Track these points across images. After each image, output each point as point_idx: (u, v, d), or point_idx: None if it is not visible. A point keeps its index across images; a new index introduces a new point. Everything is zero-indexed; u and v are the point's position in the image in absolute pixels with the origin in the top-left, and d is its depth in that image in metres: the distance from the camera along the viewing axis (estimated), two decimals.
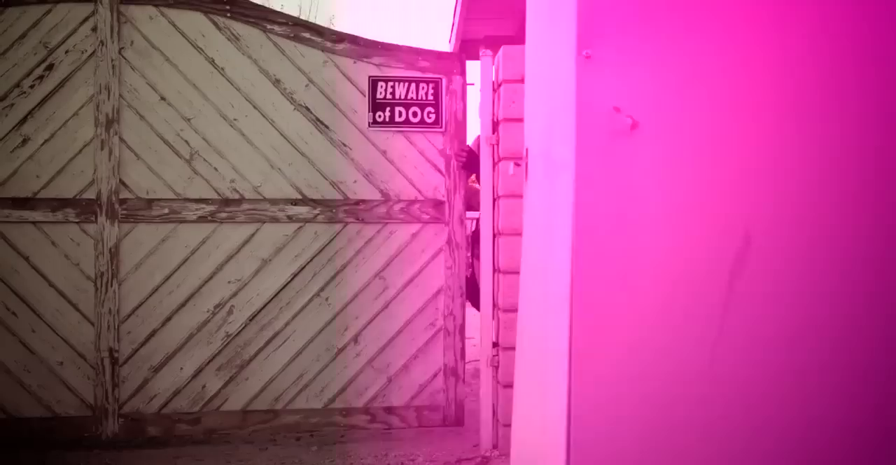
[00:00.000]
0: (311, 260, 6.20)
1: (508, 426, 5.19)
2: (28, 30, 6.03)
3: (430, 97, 6.30)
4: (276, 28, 6.22)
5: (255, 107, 6.17)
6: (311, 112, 6.21)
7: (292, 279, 6.20)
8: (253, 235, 6.16)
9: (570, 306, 2.83)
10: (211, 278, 6.14)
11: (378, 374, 6.27)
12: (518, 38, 9.43)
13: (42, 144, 6.02)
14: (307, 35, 6.26)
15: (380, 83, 6.22)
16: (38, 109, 6.02)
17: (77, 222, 6.03)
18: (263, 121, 6.17)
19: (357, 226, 6.23)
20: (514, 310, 5.04)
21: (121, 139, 6.06)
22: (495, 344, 5.84)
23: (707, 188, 2.80)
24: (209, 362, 6.14)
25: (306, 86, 6.21)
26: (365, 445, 6.12)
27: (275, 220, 6.17)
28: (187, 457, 5.92)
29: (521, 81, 5.35)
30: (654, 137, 2.79)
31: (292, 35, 6.23)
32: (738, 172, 2.81)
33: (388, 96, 6.24)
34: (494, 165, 5.91)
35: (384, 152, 6.25)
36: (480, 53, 5.82)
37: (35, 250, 6.01)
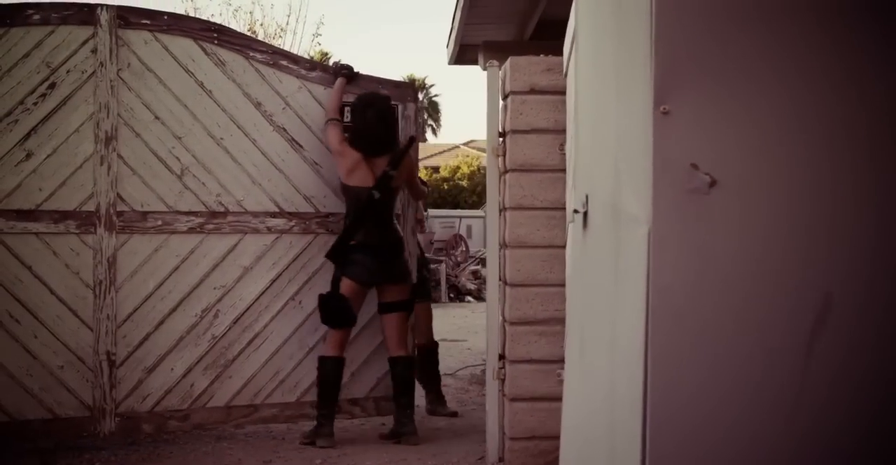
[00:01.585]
0: (286, 267, 6.84)
1: (515, 439, 5.74)
2: (31, 49, 6.31)
3: None
4: (258, 55, 6.81)
5: (238, 127, 6.73)
6: (287, 133, 6.85)
7: (270, 285, 6.82)
8: (236, 244, 6.73)
9: (645, 366, 2.76)
10: (199, 284, 6.66)
11: (343, 369, 6.99)
12: (517, 44, 9.97)
13: (45, 159, 6.33)
14: (284, 62, 6.90)
15: (346, 108, 6.94)
16: (42, 125, 6.32)
17: (77, 233, 6.38)
18: (246, 140, 6.76)
19: (326, 236, 6.92)
20: (522, 323, 5.72)
21: (118, 155, 6.46)
22: (501, 357, 5.92)
23: (787, 246, 2.73)
24: (197, 362, 6.66)
25: (283, 109, 6.85)
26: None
27: (255, 231, 6.77)
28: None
29: (530, 92, 5.71)
30: (733, 195, 2.71)
31: (272, 62, 6.84)
32: (818, 230, 2.73)
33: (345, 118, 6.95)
34: (500, 176, 6.02)
35: None
36: (487, 64, 6.13)
37: (37, 260, 6.31)
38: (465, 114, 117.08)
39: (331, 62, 9.90)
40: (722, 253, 2.74)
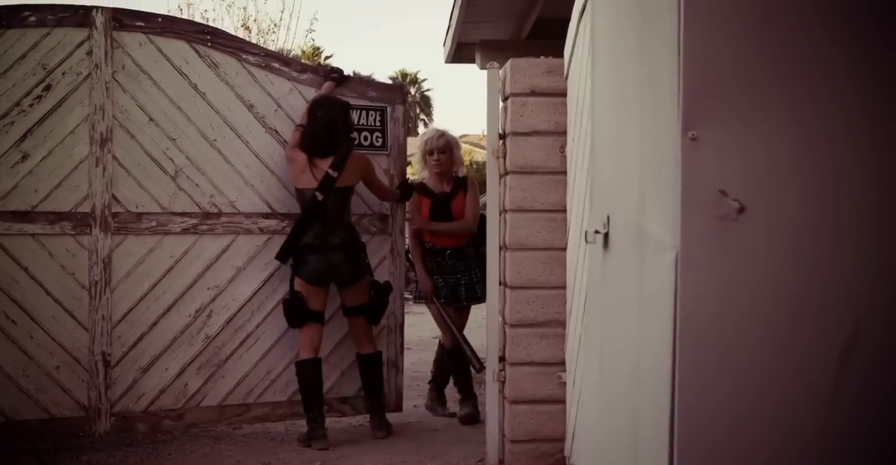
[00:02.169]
0: (278, 267, 6.90)
1: (516, 441, 5.80)
2: (28, 51, 6.33)
3: (377, 123, 7.19)
4: (250, 58, 6.87)
5: (231, 129, 6.79)
6: (279, 134, 6.92)
7: (263, 285, 6.89)
8: (229, 245, 6.79)
9: (672, 392, 2.77)
10: (193, 285, 6.71)
11: (332, 368, 7.08)
12: (514, 43, 10.00)
13: (41, 160, 6.35)
14: (276, 65, 6.97)
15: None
16: (38, 126, 6.34)
17: (73, 235, 6.41)
18: (239, 141, 6.81)
19: None
20: (522, 325, 5.77)
21: (114, 157, 6.49)
22: (501, 359, 5.96)
23: (815, 271, 2.73)
24: (191, 362, 6.71)
25: (275, 111, 6.91)
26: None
27: (248, 232, 6.83)
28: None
29: (530, 94, 5.74)
30: (762, 221, 2.72)
31: (264, 64, 6.90)
32: (846, 254, 2.73)
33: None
34: (500, 177, 6.04)
35: None
36: (487, 66, 6.11)
37: (34, 261, 6.34)
38: (457, 109, 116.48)
39: (323, 57, 9.96)
40: (750, 279, 2.74)
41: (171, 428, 6.73)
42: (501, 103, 6.04)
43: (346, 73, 7.16)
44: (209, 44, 6.76)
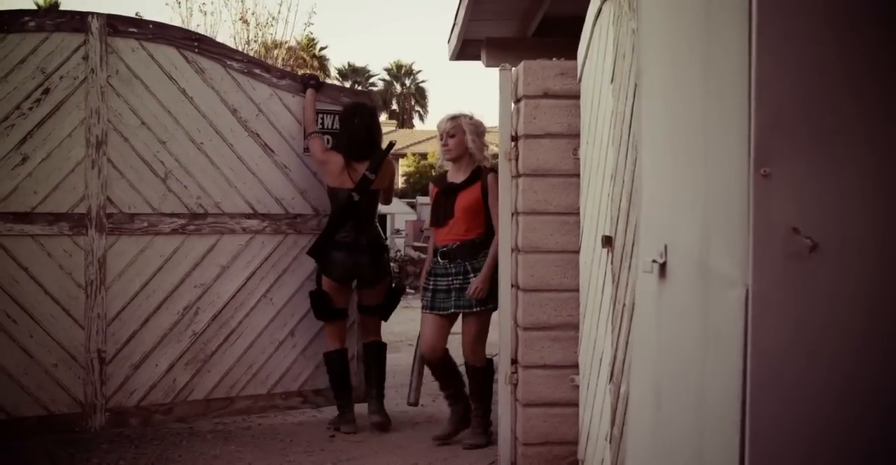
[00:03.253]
0: (259, 266, 7.19)
1: (528, 445, 5.84)
2: (27, 55, 6.46)
3: None
4: (234, 64, 7.13)
5: (217, 132, 7.04)
6: (260, 138, 7.20)
7: (245, 283, 7.17)
8: (214, 245, 7.04)
9: (742, 432, 2.71)
10: (181, 283, 6.94)
11: (308, 361, 7.40)
12: (520, 41, 10.05)
13: (40, 163, 6.49)
14: (258, 71, 7.24)
15: (319, 115, 7.34)
16: (37, 129, 6.48)
17: (70, 235, 6.58)
18: (224, 145, 7.07)
19: (294, 236, 7.32)
20: (535, 328, 5.84)
21: (108, 159, 6.67)
22: (514, 361, 5.97)
23: (889, 311, 2.66)
24: (179, 357, 6.95)
25: (257, 115, 7.19)
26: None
27: (232, 232, 7.09)
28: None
29: (543, 96, 5.78)
30: (835, 259, 2.66)
31: (246, 71, 7.17)
32: None
33: (318, 126, 7.36)
34: (513, 179, 6.04)
35: (315, 174, 7.38)
36: (500, 67, 6.13)
37: (33, 261, 6.48)
38: (453, 100, 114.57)
39: (318, 48, 10.15)
40: (824, 316, 2.68)
41: (162, 422, 6.94)
42: (513, 105, 6.10)
43: (322, 80, 7.47)
44: (196, 50, 6.99)
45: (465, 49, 11.41)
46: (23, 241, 6.44)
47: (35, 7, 6.04)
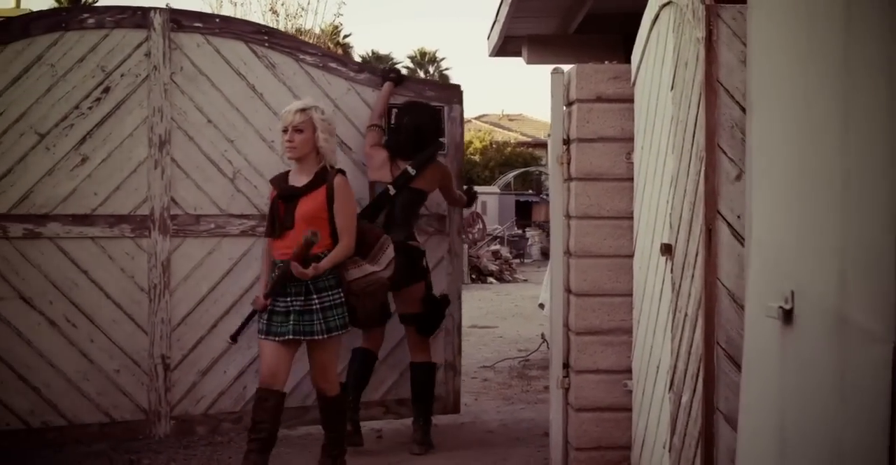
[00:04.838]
0: None
1: (580, 449, 5.78)
2: (87, 54, 6.32)
3: None
4: (308, 58, 6.82)
5: None
6: (337, 135, 6.86)
7: None
8: None
9: None
10: (251, 287, 6.64)
11: (391, 370, 7.05)
12: (561, 38, 10.04)
13: (100, 163, 6.34)
14: (334, 65, 6.92)
15: (394, 110, 6.97)
16: (97, 129, 6.33)
17: (132, 237, 6.40)
18: None
19: None
20: (587, 333, 5.76)
21: (172, 159, 6.46)
22: (566, 365, 5.93)
23: None
24: (250, 364, 6.68)
25: (333, 111, 6.84)
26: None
27: None
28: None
29: (596, 100, 5.72)
30: None
31: (321, 65, 6.85)
32: None
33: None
34: (564, 183, 6.01)
35: None
36: (552, 70, 6.07)
37: (93, 265, 6.33)
38: (476, 88, 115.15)
39: (342, 35, 9.87)
40: None
41: (231, 430, 6.71)
42: (565, 109, 6.01)
43: (403, 73, 7.10)
44: (266, 44, 6.72)
45: (506, 46, 11.39)
46: (82, 243, 6.31)
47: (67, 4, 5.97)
